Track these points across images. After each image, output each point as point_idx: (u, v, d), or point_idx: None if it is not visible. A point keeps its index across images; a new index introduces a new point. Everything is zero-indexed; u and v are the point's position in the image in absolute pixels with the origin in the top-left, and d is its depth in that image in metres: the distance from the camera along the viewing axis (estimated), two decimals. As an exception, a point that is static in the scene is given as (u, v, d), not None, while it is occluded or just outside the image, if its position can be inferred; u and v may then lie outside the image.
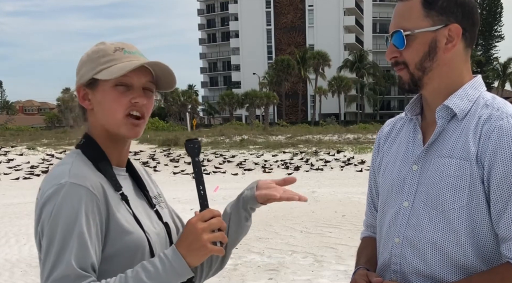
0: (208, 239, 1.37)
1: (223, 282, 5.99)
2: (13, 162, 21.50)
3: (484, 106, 1.42)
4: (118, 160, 1.51)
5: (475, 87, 1.46)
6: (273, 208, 11.26)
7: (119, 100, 1.41)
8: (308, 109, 78.18)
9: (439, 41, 1.42)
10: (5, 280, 6.29)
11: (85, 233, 1.30)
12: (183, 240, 1.39)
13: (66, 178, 1.34)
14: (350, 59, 72.48)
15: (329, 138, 30.27)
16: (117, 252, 1.37)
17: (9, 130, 35.86)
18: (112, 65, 1.41)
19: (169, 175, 20.12)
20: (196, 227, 1.39)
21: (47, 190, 1.34)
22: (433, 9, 1.42)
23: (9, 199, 13.38)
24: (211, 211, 1.43)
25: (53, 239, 1.30)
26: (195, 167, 1.45)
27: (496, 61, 77.40)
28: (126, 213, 1.42)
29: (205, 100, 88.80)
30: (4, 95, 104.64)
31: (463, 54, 1.46)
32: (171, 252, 1.37)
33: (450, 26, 1.41)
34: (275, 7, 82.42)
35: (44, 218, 1.32)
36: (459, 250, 1.39)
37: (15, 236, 8.71)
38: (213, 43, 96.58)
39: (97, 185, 1.37)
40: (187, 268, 1.36)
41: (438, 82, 1.46)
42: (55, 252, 1.29)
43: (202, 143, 28.83)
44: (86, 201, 1.33)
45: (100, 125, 1.46)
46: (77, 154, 1.45)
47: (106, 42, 1.50)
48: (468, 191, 1.37)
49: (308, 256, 7.04)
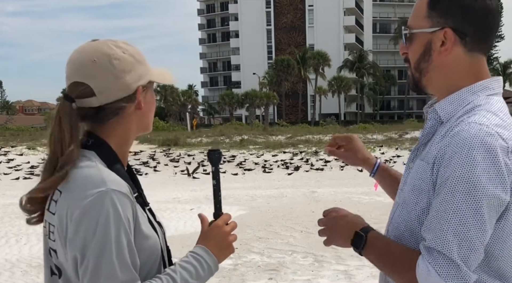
0: (232, 240, 1.52)
1: (223, 282, 5.99)
2: (13, 162, 21.50)
3: (468, 111, 1.37)
4: (124, 161, 1.50)
5: (474, 92, 1.40)
6: (273, 208, 11.25)
7: (155, 100, 1.59)
8: (308, 109, 78.18)
9: (434, 43, 1.40)
10: (5, 280, 6.29)
11: (132, 242, 1.31)
12: (211, 240, 1.49)
13: (106, 184, 1.31)
14: (350, 59, 72.50)
15: (329, 138, 30.18)
16: (139, 257, 1.37)
17: (9, 130, 35.81)
18: (154, 71, 1.54)
19: (169, 175, 20.12)
20: (224, 230, 1.51)
21: (85, 197, 1.29)
22: (435, 10, 1.40)
23: (9, 199, 13.38)
24: (229, 215, 1.55)
25: (104, 249, 1.27)
26: (217, 175, 1.56)
27: (496, 61, 77.44)
28: (144, 216, 1.42)
29: (205, 100, 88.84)
30: (4, 95, 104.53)
31: (465, 59, 1.40)
32: (203, 252, 1.45)
33: (446, 29, 1.38)
34: (275, 7, 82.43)
35: (89, 226, 1.27)
36: (415, 245, 1.39)
37: (15, 236, 8.71)
38: (213, 43, 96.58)
39: (129, 190, 1.37)
40: (218, 266, 1.48)
41: (437, 84, 1.45)
42: (109, 260, 1.27)
43: (202, 143, 28.53)
44: (130, 208, 1.33)
45: (139, 124, 1.50)
46: (92, 155, 1.40)
47: (116, 40, 1.50)
48: (427, 195, 1.36)
49: (308, 256, 7.04)
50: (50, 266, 1.42)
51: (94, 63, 1.39)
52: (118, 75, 1.41)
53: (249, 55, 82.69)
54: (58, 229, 1.33)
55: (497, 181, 1.25)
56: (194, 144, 27.77)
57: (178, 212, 10.81)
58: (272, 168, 21.59)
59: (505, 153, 1.26)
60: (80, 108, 1.39)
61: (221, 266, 1.59)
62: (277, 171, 21.13)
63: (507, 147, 1.27)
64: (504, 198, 1.26)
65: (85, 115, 1.41)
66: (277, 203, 12.14)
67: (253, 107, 62.03)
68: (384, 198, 12.00)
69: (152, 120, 1.55)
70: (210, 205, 10.68)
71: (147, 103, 1.50)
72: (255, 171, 21.08)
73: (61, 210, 1.32)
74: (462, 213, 1.25)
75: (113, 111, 1.42)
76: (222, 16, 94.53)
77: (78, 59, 1.42)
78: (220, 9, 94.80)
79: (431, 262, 1.27)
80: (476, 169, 1.24)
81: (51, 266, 1.41)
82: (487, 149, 1.25)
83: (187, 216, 10.31)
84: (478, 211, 1.24)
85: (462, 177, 1.25)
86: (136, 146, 25.22)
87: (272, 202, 12.34)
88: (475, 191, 1.24)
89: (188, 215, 10.43)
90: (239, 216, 10.26)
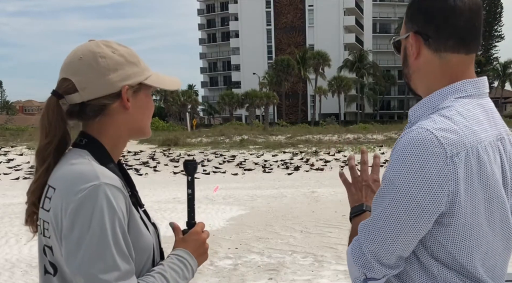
0: (207, 246, 1.58)
1: (223, 282, 5.99)
2: (13, 162, 21.50)
3: (429, 115, 1.38)
4: (116, 160, 1.51)
5: (444, 95, 1.41)
6: (273, 208, 11.26)
7: (153, 106, 1.56)
8: (308, 109, 78.19)
9: (408, 49, 1.47)
10: (5, 280, 6.29)
11: (126, 233, 1.33)
12: (190, 245, 1.53)
13: (98, 178, 1.32)
14: (350, 59, 72.49)
15: (329, 138, 30.26)
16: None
17: (9, 130, 35.77)
18: (151, 74, 1.52)
19: (169, 175, 20.12)
20: (202, 236, 1.56)
21: (78, 191, 1.30)
22: (407, 17, 1.47)
23: (9, 199, 13.39)
24: (203, 224, 1.61)
25: (101, 241, 1.27)
26: (192, 185, 1.60)
27: (496, 61, 77.44)
28: (137, 215, 1.43)
29: (205, 100, 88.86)
30: (4, 95, 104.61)
31: (434, 60, 1.42)
32: (186, 255, 1.49)
33: (410, 34, 1.45)
34: (275, 7, 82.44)
35: (84, 220, 1.28)
36: None
37: (15, 236, 8.72)
38: (213, 43, 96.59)
39: (122, 184, 1.38)
40: (196, 269, 1.52)
41: (420, 88, 1.49)
42: (108, 252, 1.28)
43: (202, 143, 28.63)
44: (123, 201, 1.34)
45: (128, 126, 1.48)
46: (86, 153, 1.42)
47: (110, 41, 1.50)
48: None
49: (308, 256, 7.04)
50: (44, 265, 1.43)
51: (80, 60, 1.42)
52: (102, 73, 1.42)
53: (249, 55, 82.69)
54: (53, 225, 1.34)
55: (421, 185, 1.26)
56: (194, 144, 27.78)
57: (178, 212, 10.81)
58: (272, 168, 21.60)
59: (440, 158, 1.27)
60: (68, 104, 1.43)
61: (221, 266, 1.59)
62: (277, 171, 21.13)
63: (443, 152, 1.27)
64: (428, 203, 1.27)
65: (71, 111, 1.44)
66: (277, 203, 12.15)
67: (253, 107, 62.04)
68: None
69: (148, 125, 1.54)
70: (210, 205, 10.70)
71: (138, 106, 1.48)
72: (255, 171, 21.09)
73: (56, 206, 1.34)
74: (381, 210, 1.33)
75: (96, 108, 1.43)
76: (222, 16, 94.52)
77: (68, 57, 1.46)
78: (220, 9, 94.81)
79: (352, 246, 1.41)
80: (402, 171, 1.28)
81: (45, 264, 1.42)
82: (419, 153, 1.27)
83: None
84: (394, 212, 1.30)
85: (390, 179, 1.31)
86: (136, 146, 25.23)
87: (272, 202, 12.34)
88: (396, 191, 1.29)
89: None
90: (239, 216, 10.27)
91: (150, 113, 1.53)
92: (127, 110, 1.46)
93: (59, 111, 1.42)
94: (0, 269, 6.75)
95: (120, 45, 1.50)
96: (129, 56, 1.48)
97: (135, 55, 1.50)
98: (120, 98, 1.44)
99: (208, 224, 9.39)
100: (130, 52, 1.49)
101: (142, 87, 1.49)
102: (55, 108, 1.42)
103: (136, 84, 1.47)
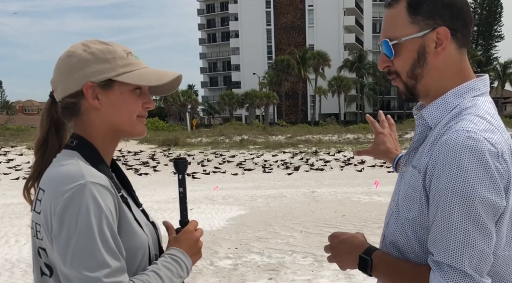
0: (201, 246, 1.59)
1: (223, 282, 5.99)
2: (13, 162, 21.51)
3: (455, 116, 1.37)
4: (108, 160, 1.50)
5: (460, 94, 1.40)
6: (273, 208, 11.26)
7: (137, 103, 1.47)
8: (308, 109, 78.17)
9: (427, 46, 1.39)
10: (5, 280, 6.29)
11: (115, 231, 1.33)
12: (184, 244, 1.53)
13: (84, 177, 1.32)
14: (350, 59, 72.48)
15: (329, 138, 30.27)
16: (126, 252, 1.37)
17: (9, 130, 35.78)
18: (134, 70, 1.45)
19: (169, 175, 20.11)
20: (195, 235, 1.57)
21: (65, 191, 1.30)
22: (419, 14, 1.39)
23: (9, 199, 13.39)
24: (196, 222, 1.63)
25: (89, 240, 1.27)
26: (183, 183, 1.61)
27: (496, 61, 77.46)
28: (130, 214, 1.43)
29: (205, 100, 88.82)
30: (4, 95, 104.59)
31: (456, 55, 1.41)
32: (180, 254, 1.49)
33: (438, 29, 1.37)
34: (275, 7, 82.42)
35: (71, 220, 1.28)
36: (411, 253, 1.41)
37: (15, 236, 8.72)
38: (213, 43, 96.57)
39: (110, 183, 1.38)
40: (191, 268, 1.52)
41: (430, 88, 1.44)
42: (96, 250, 1.28)
43: (202, 143, 28.69)
44: (111, 199, 1.34)
45: (105, 125, 1.45)
46: (75, 155, 1.42)
47: (93, 40, 1.49)
48: (419, 204, 1.36)
49: (308, 256, 7.04)
50: (39, 267, 1.42)
51: (57, 61, 1.47)
52: (66, 71, 1.44)
53: (249, 55, 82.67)
54: (44, 226, 1.35)
55: (490, 187, 1.25)
56: (194, 144, 27.79)
57: (178, 212, 10.79)
58: (272, 168, 21.60)
59: (495, 158, 1.27)
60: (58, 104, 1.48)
61: (221, 266, 1.60)
62: (277, 171, 21.13)
63: (496, 152, 1.27)
64: (499, 203, 1.27)
65: (61, 112, 1.48)
66: (277, 203, 12.14)
67: (253, 107, 62.02)
68: (384, 198, 12.01)
69: (129, 122, 1.46)
70: (210, 205, 10.69)
71: (111, 103, 1.44)
72: (255, 171, 21.09)
73: (45, 207, 1.35)
74: (464, 224, 1.25)
75: (66, 107, 1.45)
76: (222, 16, 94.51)
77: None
78: (220, 9, 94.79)
79: (443, 276, 1.27)
80: (468, 178, 1.24)
81: (41, 266, 1.42)
82: (476, 157, 1.25)
83: (188, 216, 10.30)
84: (478, 219, 1.25)
85: (456, 189, 1.25)
86: (136, 146, 25.24)
87: (272, 202, 12.34)
88: (471, 201, 1.25)
89: (189, 214, 10.42)
90: (239, 216, 10.27)
91: (128, 111, 1.45)
92: (98, 108, 1.44)
93: (48, 111, 1.48)
94: (0, 269, 6.75)
95: (101, 42, 1.47)
96: (102, 53, 1.44)
97: (112, 51, 1.45)
98: (83, 95, 1.43)
99: (208, 224, 9.39)
100: (105, 48, 1.45)
101: (115, 84, 1.43)
102: (46, 108, 1.49)
103: (101, 81, 1.42)
